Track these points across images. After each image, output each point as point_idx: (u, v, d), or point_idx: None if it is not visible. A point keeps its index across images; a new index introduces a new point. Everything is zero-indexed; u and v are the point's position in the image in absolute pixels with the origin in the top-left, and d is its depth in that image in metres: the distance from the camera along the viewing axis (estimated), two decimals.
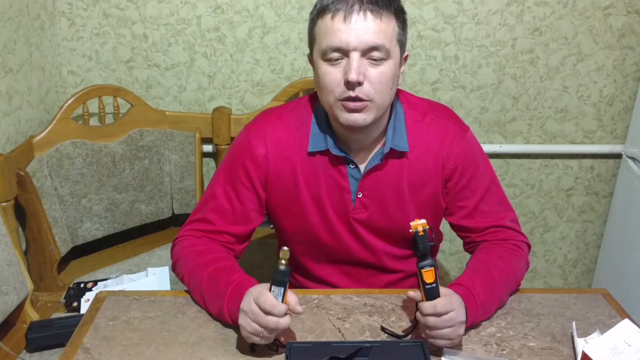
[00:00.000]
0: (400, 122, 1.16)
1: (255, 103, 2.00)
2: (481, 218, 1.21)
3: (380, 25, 1.02)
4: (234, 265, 1.12)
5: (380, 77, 1.04)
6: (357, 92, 1.04)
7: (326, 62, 1.06)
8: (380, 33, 1.02)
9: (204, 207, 1.21)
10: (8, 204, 1.48)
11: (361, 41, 1.01)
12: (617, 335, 0.93)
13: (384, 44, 1.03)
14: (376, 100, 1.06)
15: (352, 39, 1.01)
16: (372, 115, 1.07)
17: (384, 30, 1.03)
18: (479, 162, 1.21)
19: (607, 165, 2.15)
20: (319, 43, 1.06)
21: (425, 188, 1.19)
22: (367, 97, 1.05)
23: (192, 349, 1.00)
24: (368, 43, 1.02)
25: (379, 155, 1.15)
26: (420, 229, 0.96)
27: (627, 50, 1.98)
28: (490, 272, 1.11)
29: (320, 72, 1.07)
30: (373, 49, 1.02)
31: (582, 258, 2.30)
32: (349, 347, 0.96)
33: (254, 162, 1.17)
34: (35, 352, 1.33)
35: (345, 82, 1.04)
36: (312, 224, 1.20)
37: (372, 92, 1.05)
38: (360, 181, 1.16)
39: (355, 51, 1.02)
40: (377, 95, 1.05)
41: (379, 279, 1.27)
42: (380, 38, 1.02)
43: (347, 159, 1.15)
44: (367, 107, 1.06)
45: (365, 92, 1.04)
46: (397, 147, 1.14)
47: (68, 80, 1.95)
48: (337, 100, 1.06)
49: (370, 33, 1.02)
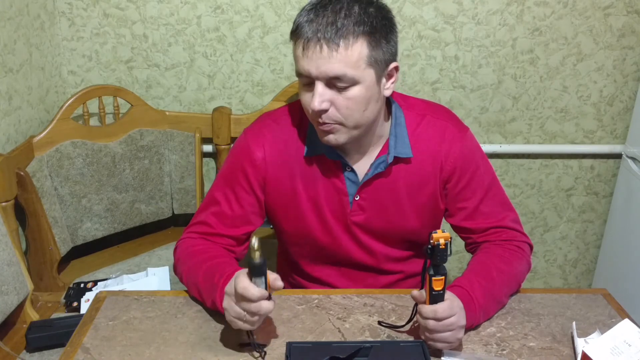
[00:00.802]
0: (401, 127, 1.16)
1: (255, 103, 2.00)
2: (482, 219, 1.21)
3: (338, 56, 0.99)
4: (230, 261, 1.12)
5: (347, 103, 1.03)
6: (324, 119, 1.05)
7: (300, 83, 1.08)
8: (340, 63, 0.99)
9: (204, 210, 1.21)
10: (8, 204, 1.48)
11: (320, 72, 1.01)
12: (617, 335, 0.93)
13: (345, 74, 1.00)
14: (347, 123, 1.06)
15: (312, 69, 1.01)
16: (345, 136, 1.08)
17: (344, 60, 0.99)
18: (479, 162, 1.20)
19: (607, 165, 2.15)
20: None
21: (423, 190, 1.18)
22: (335, 121, 1.05)
23: (192, 349, 1.00)
24: (327, 74, 1.00)
25: (382, 164, 1.15)
26: (442, 242, 0.93)
27: (627, 50, 1.98)
28: (490, 275, 1.10)
29: (299, 91, 1.09)
30: (334, 79, 1.01)
31: (582, 258, 2.30)
32: (349, 347, 0.96)
33: (253, 166, 1.17)
34: (35, 352, 1.33)
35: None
36: (310, 226, 1.20)
37: (340, 117, 1.05)
38: (360, 186, 1.16)
39: (318, 80, 1.02)
40: (346, 119, 1.05)
41: (377, 280, 1.27)
42: (341, 68, 0.99)
43: (344, 163, 1.15)
44: (337, 130, 1.07)
45: (331, 117, 1.05)
46: (400, 155, 1.14)
47: (68, 80, 1.95)
48: (312, 119, 1.09)
49: (327, 65, 0.99)
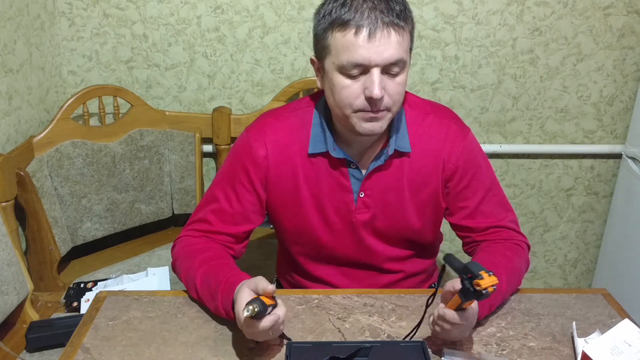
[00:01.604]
0: (401, 122, 1.16)
1: (255, 103, 2.00)
2: (482, 218, 1.21)
3: (401, 40, 1.02)
4: (225, 262, 1.12)
5: (397, 88, 1.05)
6: (378, 106, 1.04)
7: (344, 75, 1.04)
8: (400, 48, 1.02)
9: (204, 207, 1.21)
10: (8, 204, 1.48)
11: (383, 58, 1.01)
12: (617, 335, 0.93)
13: (402, 58, 1.03)
14: (393, 108, 1.08)
15: (374, 57, 1.00)
16: (388, 122, 1.09)
17: (404, 45, 1.03)
18: (480, 162, 1.21)
19: (607, 165, 2.15)
20: (335, 56, 1.03)
21: (425, 188, 1.19)
22: (386, 108, 1.06)
23: (192, 349, 1.00)
24: (390, 60, 1.01)
25: (383, 157, 1.15)
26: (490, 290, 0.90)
27: (627, 50, 1.98)
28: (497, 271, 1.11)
29: (337, 85, 1.05)
30: (393, 64, 1.02)
31: (582, 258, 2.30)
32: (349, 347, 0.96)
33: (254, 164, 1.17)
34: (35, 352, 1.33)
35: (367, 97, 1.03)
36: (313, 224, 1.20)
37: (391, 103, 1.06)
38: (363, 181, 1.16)
39: (376, 67, 1.01)
40: (395, 104, 1.07)
41: (377, 279, 1.27)
42: (401, 53, 1.02)
43: (348, 160, 1.15)
44: (384, 116, 1.07)
45: (385, 105, 1.05)
46: (400, 148, 1.15)
47: (68, 80, 1.95)
48: (354, 111, 1.06)
49: (392, 50, 1.00)
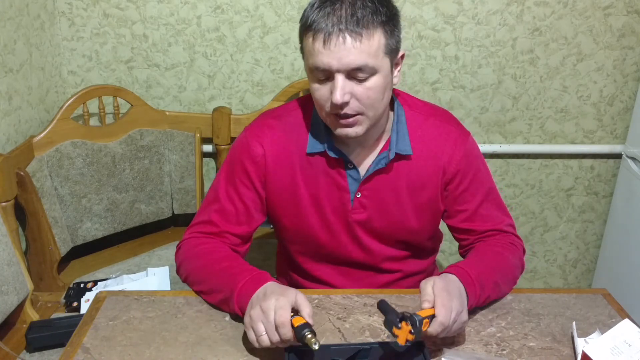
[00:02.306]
0: (402, 125, 1.16)
1: (255, 103, 2.00)
2: (480, 222, 1.22)
3: (361, 46, 0.99)
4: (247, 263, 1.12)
5: (367, 93, 1.03)
6: (345, 110, 1.04)
7: (314, 79, 1.06)
8: (362, 54, 0.99)
9: (206, 209, 1.21)
10: (8, 204, 1.48)
11: (342, 64, 1.00)
12: (617, 335, 0.93)
13: (367, 64, 1.00)
14: (367, 113, 1.06)
15: (333, 62, 1.00)
16: (365, 126, 1.08)
17: (366, 50, 0.99)
18: (480, 166, 1.22)
19: (607, 165, 2.15)
20: (306, 59, 1.06)
21: (424, 190, 1.19)
22: (356, 112, 1.05)
23: (192, 349, 1.00)
24: (350, 65, 1.00)
25: (384, 160, 1.15)
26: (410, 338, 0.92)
27: (627, 50, 1.98)
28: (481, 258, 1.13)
29: (311, 87, 1.08)
30: (356, 70, 1.01)
31: (582, 258, 2.30)
32: (348, 349, 0.96)
33: (253, 162, 1.17)
34: (35, 352, 1.33)
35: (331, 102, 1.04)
36: (311, 223, 1.20)
37: (361, 107, 1.05)
38: (361, 182, 1.17)
39: (338, 73, 1.01)
40: (367, 109, 1.05)
41: (376, 279, 1.28)
42: (363, 58, 0.99)
43: (346, 159, 1.15)
44: (359, 121, 1.06)
45: (353, 109, 1.04)
46: (401, 152, 1.15)
47: (68, 80, 1.95)
48: (328, 114, 1.08)
49: (350, 56, 0.99)
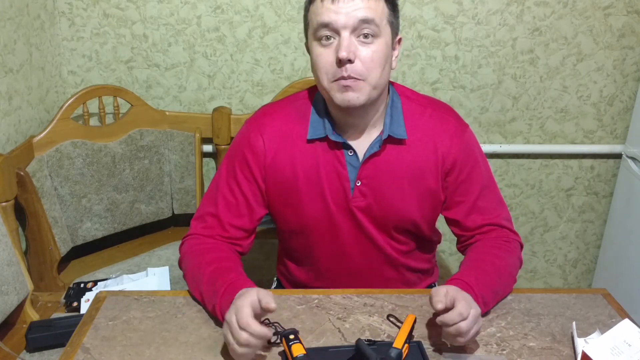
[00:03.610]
0: (397, 110, 1.17)
1: (255, 103, 2.00)
2: (477, 215, 1.22)
3: (368, 2, 1.05)
4: (233, 265, 1.12)
5: (372, 56, 1.06)
6: (349, 71, 1.06)
7: (318, 42, 1.08)
8: (369, 9, 1.05)
9: (209, 201, 1.22)
10: (8, 204, 1.48)
11: (350, 17, 1.04)
12: (617, 335, 0.93)
13: (374, 19, 1.05)
14: (369, 79, 1.07)
15: (341, 17, 1.04)
16: (366, 94, 1.09)
17: (373, 7, 1.05)
18: (478, 158, 1.22)
19: (607, 165, 2.15)
20: (311, 24, 1.09)
21: (425, 179, 1.19)
22: (360, 76, 1.06)
23: (192, 349, 1.00)
24: (358, 17, 1.04)
25: (378, 143, 1.16)
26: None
27: (627, 50, 1.98)
28: (484, 267, 1.12)
29: (314, 55, 1.10)
30: (363, 22, 1.04)
31: (582, 258, 2.30)
32: (347, 351, 0.96)
33: (253, 153, 1.18)
34: (35, 352, 1.33)
35: (336, 60, 1.06)
36: (312, 214, 1.20)
37: (364, 71, 1.06)
38: (359, 169, 1.17)
39: (345, 29, 1.05)
40: (369, 74, 1.07)
41: (379, 272, 1.27)
42: (371, 13, 1.05)
43: (346, 145, 1.16)
44: (360, 85, 1.07)
45: (357, 71, 1.06)
46: (394, 135, 1.16)
47: (68, 80, 1.95)
48: (330, 81, 1.09)
49: (359, 9, 1.04)
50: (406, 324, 0.98)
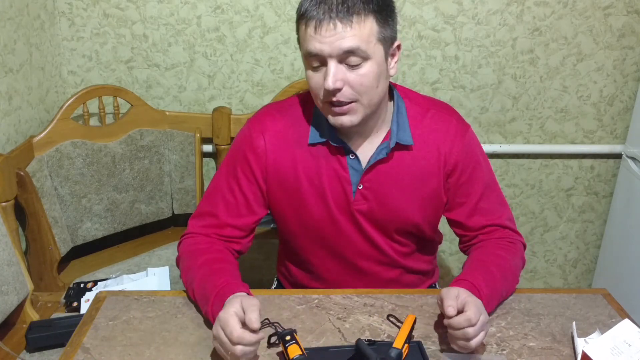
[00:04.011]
0: (402, 116, 1.17)
1: (255, 103, 2.00)
2: (480, 216, 1.22)
3: (352, 31, 1.01)
4: (226, 268, 1.11)
5: (361, 80, 1.05)
6: (338, 97, 1.05)
7: (309, 66, 1.08)
8: (353, 37, 1.01)
9: (208, 200, 1.22)
10: (8, 204, 1.48)
11: (334, 48, 1.02)
12: (617, 335, 0.93)
13: (359, 47, 1.02)
14: (362, 100, 1.07)
15: (325, 47, 1.02)
16: (360, 115, 1.08)
17: (358, 35, 1.01)
18: (479, 159, 1.22)
19: (607, 165, 2.15)
20: (301, 47, 1.09)
21: (427, 182, 1.19)
22: (350, 100, 1.06)
23: (192, 349, 1.00)
24: (341, 49, 1.02)
25: (384, 150, 1.15)
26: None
27: (627, 50, 1.98)
28: (490, 269, 1.12)
29: (306, 76, 1.10)
30: (348, 53, 1.02)
31: (582, 258, 2.30)
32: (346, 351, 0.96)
33: (254, 153, 1.18)
34: (35, 352, 1.33)
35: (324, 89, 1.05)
36: (314, 215, 1.20)
37: (355, 94, 1.06)
38: (363, 173, 1.17)
39: (330, 58, 1.03)
40: (361, 96, 1.06)
41: (380, 273, 1.27)
42: (355, 41, 1.01)
43: (347, 149, 1.16)
44: (352, 109, 1.07)
45: (346, 96, 1.05)
46: (402, 142, 1.15)
47: (68, 80, 1.95)
48: (323, 103, 1.09)
49: (342, 39, 1.01)
50: (406, 324, 0.98)
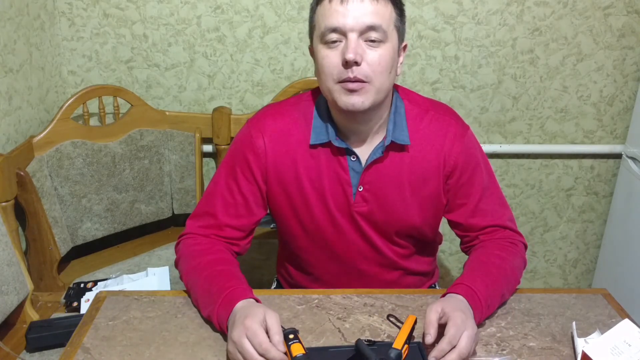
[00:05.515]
0: (400, 116, 1.17)
1: (255, 103, 2.00)
2: (480, 216, 1.22)
3: (377, 6, 1.04)
4: (230, 270, 1.11)
5: (379, 59, 1.05)
6: (355, 73, 1.05)
7: (325, 45, 1.07)
8: (377, 14, 1.04)
9: (207, 200, 1.22)
10: (8, 204, 1.48)
11: (358, 21, 1.03)
12: (617, 335, 0.93)
13: (381, 25, 1.04)
14: (374, 82, 1.06)
15: (349, 20, 1.03)
16: (371, 98, 1.07)
17: (381, 13, 1.04)
18: (479, 160, 1.22)
19: (607, 165, 2.15)
20: (318, 27, 1.08)
21: (427, 184, 1.19)
22: (365, 78, 1.05)
23: (192, 349, 1.00)
24: (365, 23, 1.03)
25: (380, 149, 1.15)
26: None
27: (627, 50, 1.98)
28: (489, 270, 1.11)
29: (320, 57, 1.08)
30: (370, 28, 1.04)
31: (582, 258, 2.30)
32: (346, 351, 0.96)
33: (254, 154, 1.18)
34: (35, 352, 1.33)
35: (343, 62, 1.05)
36: (314, 217, 1.20)
37: (370, 74, 1.05)
38: (362, 174, 1.17)
39: (352, 32, 1.04)
40: (375, 77, 1.06)
41: (380, 275, 1.27)
42: (378, 18, 1.04)
43: (349, 150, 1.15)
44: (365, 89, 1.06)
45: (363, 73, 1.05)
46: (398, 140, 1.15)
47: (68, 80, 1.95)
48: (335, 83, 1.07)
49: (367, 14, 1.03)
50: (406, 324, 0.98)
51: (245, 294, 1.03)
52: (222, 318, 1.01)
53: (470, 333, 0.94)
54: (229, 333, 0.96)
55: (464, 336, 0.93)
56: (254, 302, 1.02)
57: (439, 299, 1.04)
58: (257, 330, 0.92)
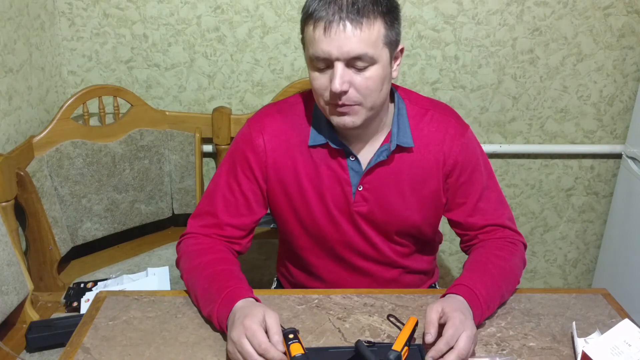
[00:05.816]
0: (403, 118, 1.17)
1: (255, 103, 2.00)
2: (480, 216, 1.22)
3: (361, 35, 1.00)
4: (231, 269, 1.11)
5: (367, 83, 1.04)
6: (343, 100, 1.05)
7: (313, 68, 1.07)
8: (362, 42, 1.00)
9: (208, 199, 1.22)
10: (8, 204, 1.48)
11: (342, 52, 1.01)
12: (617, 335, 0.93)
13: (366, 53, 1.01)
14: (365, 103, 1.07)
15: (333, 50, 1.01)
16: (362, 117, 1.08)
17: (365, 39, 1.01)
18: (479, 159, 1.22)
19: (607, 165, 2.15)
20: (306, 49, 1.08)
21: (427, 183, 1.19)
22: (355, 102, 1.06)
23: (192, 349, 1.00)
24: (350, 54, 1.01)
25: (385, 152, 1.15)
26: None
27: (627, 50, 1.98)
28: (489, 270, 1.12)
29: (311, 77, 1.09)
30: (356, 59, 1.02)
31: (582, 258, 2.30)
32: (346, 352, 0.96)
33: (254, 153, 1.18)
34: (35, 352, 1.33)
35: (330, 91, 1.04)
36: (315, 216, 1.20)
37: (359, 97, 1.05)
38: (363, 175, 1.17)
39: (338, 61, 1.02)
40: (365, 99, 1.06)
41: (380, 274, 1.27)
42: (362, 47, 1.01)
43: (348, 151, 1.16)
44: (355, 110, 1.07)
45: (351, 99, 1.05)
46: (402, 144, 1.15)
47: (68, 80, 1.95)
48: (326, 103, 1.08)
49: (350, 44, 1.00)
50: (407, 326, 0.98)
51: (245, 294, 1.03)
52: (222, 317, 1.01)
53: (469, 334, 0.94)
54: (229, 333, 0.96)
55: (463, 337, 0.93)
56: (253, 302, 1.02)
57: (438, 299, 1.05)
58: (256, 330, 0.92)
